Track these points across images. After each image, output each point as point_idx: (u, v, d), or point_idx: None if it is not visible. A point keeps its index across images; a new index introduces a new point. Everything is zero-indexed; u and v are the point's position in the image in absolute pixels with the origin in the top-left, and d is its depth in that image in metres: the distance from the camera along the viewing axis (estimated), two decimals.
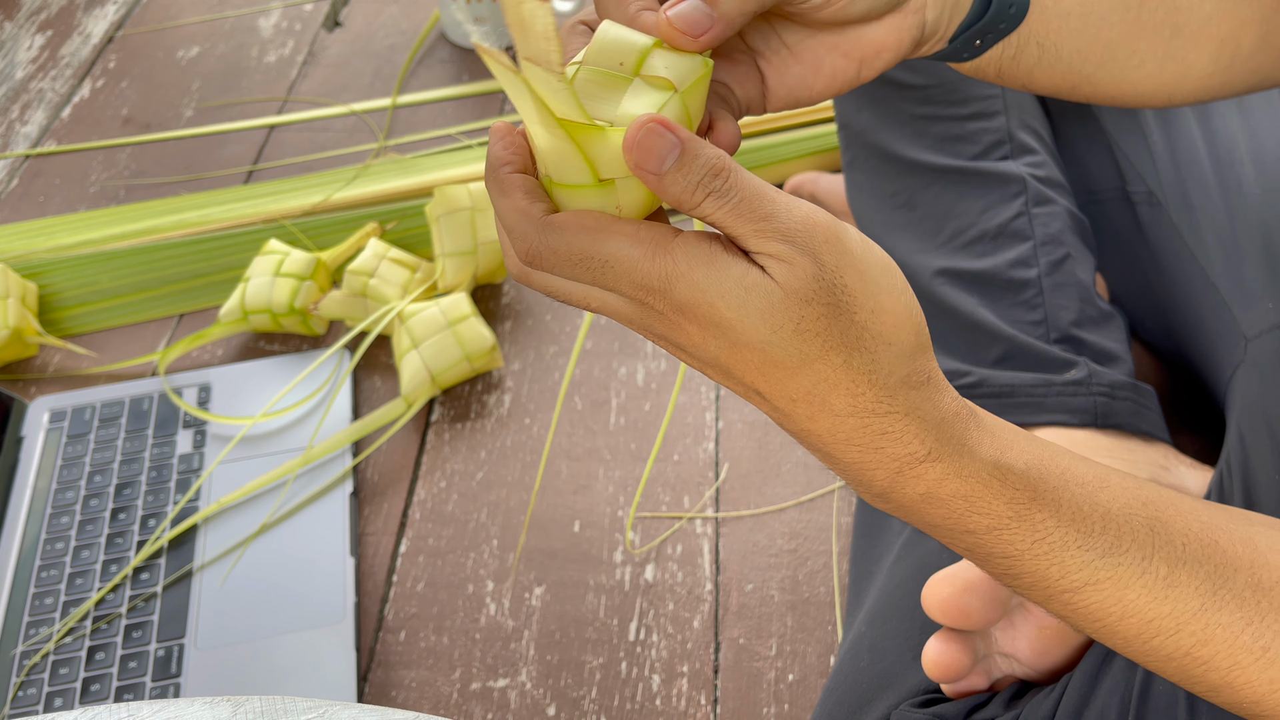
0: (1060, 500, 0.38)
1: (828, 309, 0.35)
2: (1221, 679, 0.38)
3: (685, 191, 0.35)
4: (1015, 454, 0.38)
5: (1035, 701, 0.53)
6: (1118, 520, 0.38)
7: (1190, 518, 0.39)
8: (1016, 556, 0.38)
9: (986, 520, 0.38)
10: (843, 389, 0.36)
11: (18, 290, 0.97)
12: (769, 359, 0.35)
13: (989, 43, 0.48)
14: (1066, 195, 0.77)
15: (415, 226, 1.05)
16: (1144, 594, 0.38)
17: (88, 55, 1.36)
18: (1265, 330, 0.64)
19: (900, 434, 0.36)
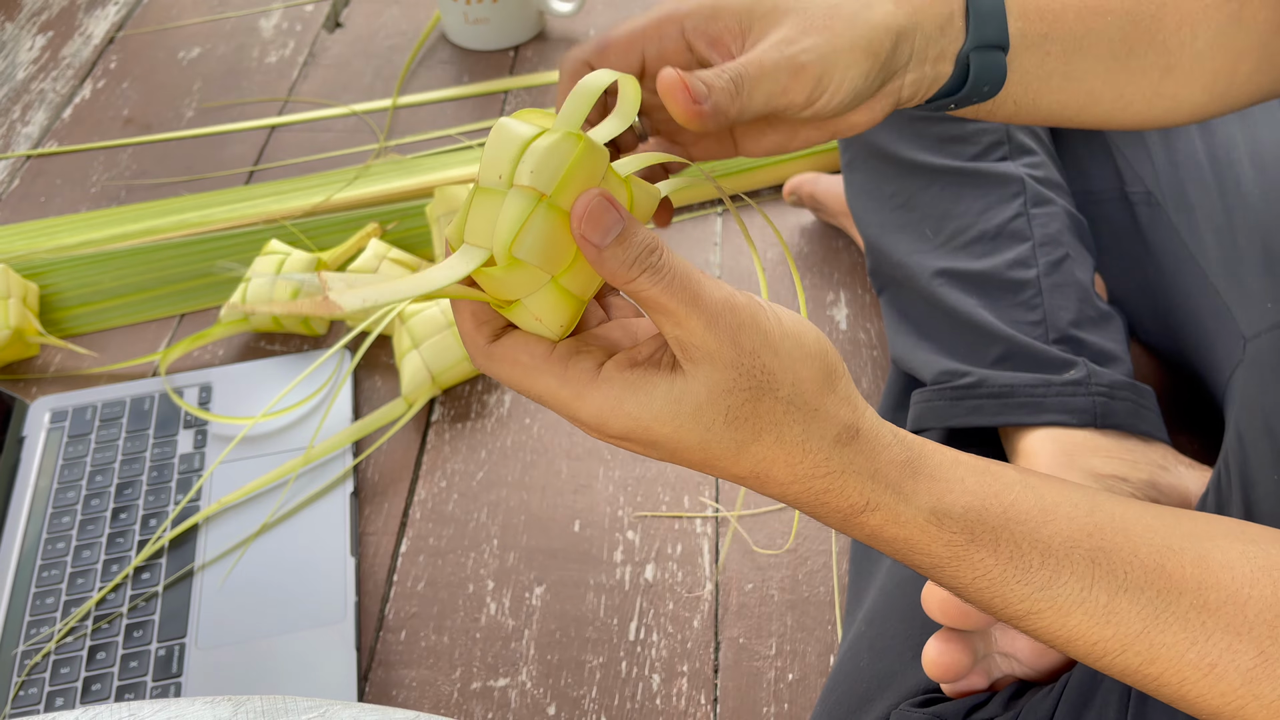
0: (999, 540, 0.40)
1: (751, 393, 0.37)
2: (1174, 693, 0.39)
3: (623, 266, 0.36)
4: (955, 497, 0.40)
5: (1035, 701, 0.53)
6: (1057, 554, 0.40)
7: (1139, 542, 0.40)
8: (960, 589, 0.41)
9: (927, 560, 0.40)
10: (780, 463, 0.38)
11: (19, 290, 0.97)
12: (709, 454, 0.38)
13: (962, 106, 0.50)
14: (1065, 196, 0.78)
15: (416, 227, 1.05)
16: (1085, 620, 0.39)
17: (89, 56, 1.36)
18: (1264, 330, 0.65)
19: (840, 490, 0.39)
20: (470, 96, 1.24)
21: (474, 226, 0.37)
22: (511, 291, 0.38)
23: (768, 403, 0.37)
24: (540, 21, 1.32)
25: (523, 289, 0.37)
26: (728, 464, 0.38)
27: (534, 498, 0.86)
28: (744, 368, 0.37)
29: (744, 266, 1.03)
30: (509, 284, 0.37)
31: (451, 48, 1.32)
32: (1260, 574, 0.39)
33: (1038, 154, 0.78)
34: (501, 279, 0.37)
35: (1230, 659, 0.38)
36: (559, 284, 0.38)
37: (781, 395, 0.37)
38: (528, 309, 0.38)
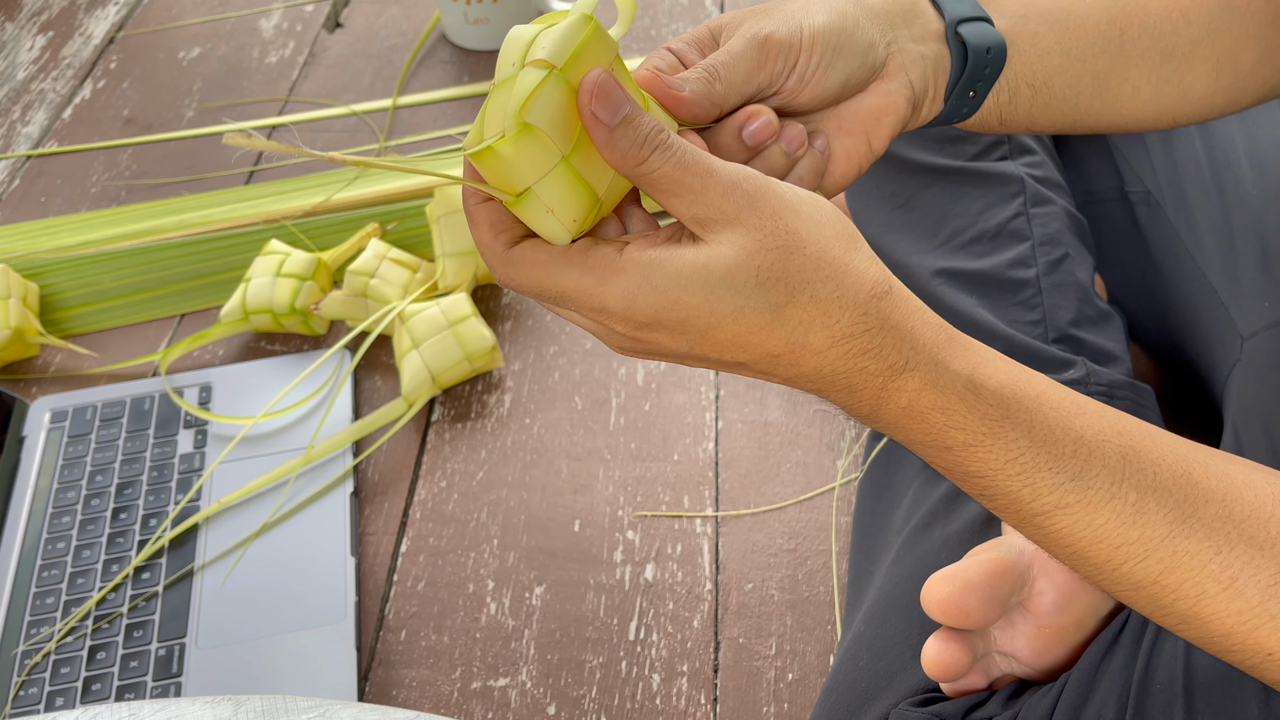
0: (1033, 421, 0.39)
1: (779, 252, 0.37)
2: (1190, 609, 0.39)
3: (634, 145, 0.37)
4: (989, 372, 0.39)
5: (1034, 700, 0.53)
6: (1089, 446, 0.39)
7: (1166, 449, 0.40)
8: (991, 476, 0.40)
9: (962, 436, 0.39)
10: (818, 324, 0.37)
11: (19, 290, 0.97)
12: (744, 326, 0.37)
13: (981, 92, 0.50)
14: (1065, 195, 0.78)
15: (416, 227, 1.05)
16: (1112, 519, 0.39)
17: (89, 56, 1.36)
18: (1261, 329, 0.65)
19: (879, 348, 0.38)
20: (470, 96, 1.24)
21: (489, 121, 0.38)
22: (523, 174, 0.37)
23: (797, 260, 0.37)
24: None
25: (534, 168, 0.37)
26: (761, 338, 0.37)
27: (534, 498, 0.86)
28: (767, 229, 0.37)
29: None
30: (520, 164, 0.37)
31: (451, 48, 1.32)
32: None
33: (1037, 154, 0.78)
34: (513, 159, 0.37)
35: (1251, 574, 0.38)
36: (570, 167, 0.37)
37: (810, 252, 0.37)
38: (539, 199, 0.37)
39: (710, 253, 0.36)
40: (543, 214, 0.38)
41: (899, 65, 0.47)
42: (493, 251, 0.39)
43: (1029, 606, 0.55)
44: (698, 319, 0.37)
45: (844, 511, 0.83)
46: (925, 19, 0.48)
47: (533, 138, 0.36)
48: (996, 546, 0.55)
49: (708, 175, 0.37)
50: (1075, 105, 0.53)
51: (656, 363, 0.95)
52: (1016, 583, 0.53)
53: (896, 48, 0.47)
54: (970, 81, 0.49)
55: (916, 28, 0.48)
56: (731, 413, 0.90)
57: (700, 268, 0.36)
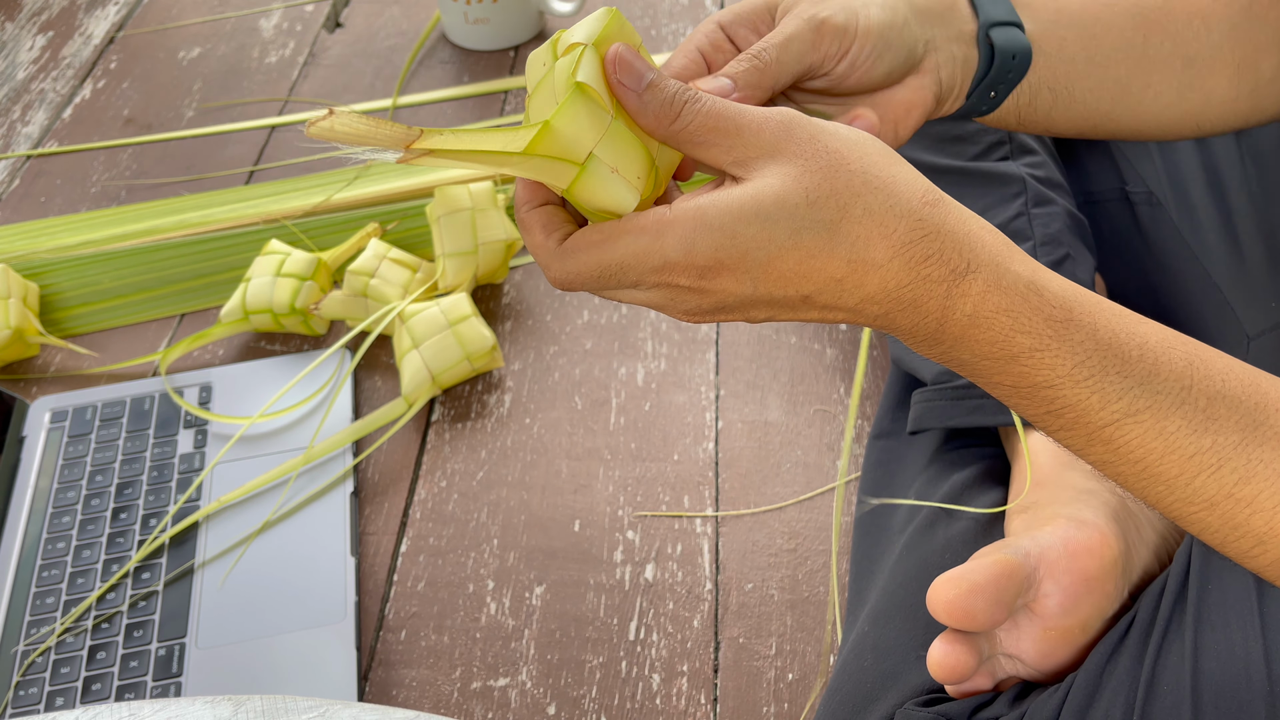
0: (1097, 324, 0.39)
1: (824, 172, 0.37)
2: (1265, 524, 0.38)
3: (664, 105, 0.38)
4: (1049, 277, 0.39)
5: (1040, 700, 0.53)
6: (1155, 351, 0.39)
7: (1230, 360, 0.40)
8: (1058, 384, 0.39)
9: (1029, 340, 0.38)
10: (876, 236, 0.38)
11: (19, 290, 0.97)
12: (804, 250, 0.37)
13: (1002, 93, 0.51)
14: (1066, 196, 0.78)
15: (416, 227, 1.05)
16: (1184, 425, 0.38)
17: (89, 56, 1.36)
18: (1268, 329, 0.65)
19: (940, 252, 0.38)
20: (470, 96, 1.24)
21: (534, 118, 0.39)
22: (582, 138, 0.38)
23: (844, 176, 0.37)
24: (540, 21, 1.32)
25: (591, 129, 0.38)
26: (824, 258, 0.38)
27: (534, 498, 0.86)
28: (807, 153, 0.37)
29: None
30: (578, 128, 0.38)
31: (451, 48, 1.32)
32: None
33: (1039, 154, 0.78)
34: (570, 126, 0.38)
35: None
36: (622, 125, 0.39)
37: (854, 168, 0.38)
38: (602, 161, 0.38)
39: (758, 185, 0.37)
40: (608, 176, 0.39)
41: (933, 63, 0.48)
42: (547, 250, 0.40)
43: (1035, 608, 0.55)
44: (758, 250, 0.37)
45: (845, 511, 0.83)
46: (961, 19, 0.49)
47: (585, 98, 0.38)
48: (1002, 548, 0.55)
49: (740, 117, 0.38)
50: (1096, 109, 0.54)
51: (656, 363, 0.95)
52: (1023, 585, 0.53)
53: (933, 46, 0.48)
54: (993, 83, 0.50)
55: (952, 27, 0.49)
56: (731, 413, 0.90)
57: (751, 199, 0.37)
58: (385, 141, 0.36)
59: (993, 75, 0.50)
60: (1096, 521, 0.56)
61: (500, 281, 1.02)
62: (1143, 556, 0.58)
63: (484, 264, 0.97)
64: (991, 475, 0.71)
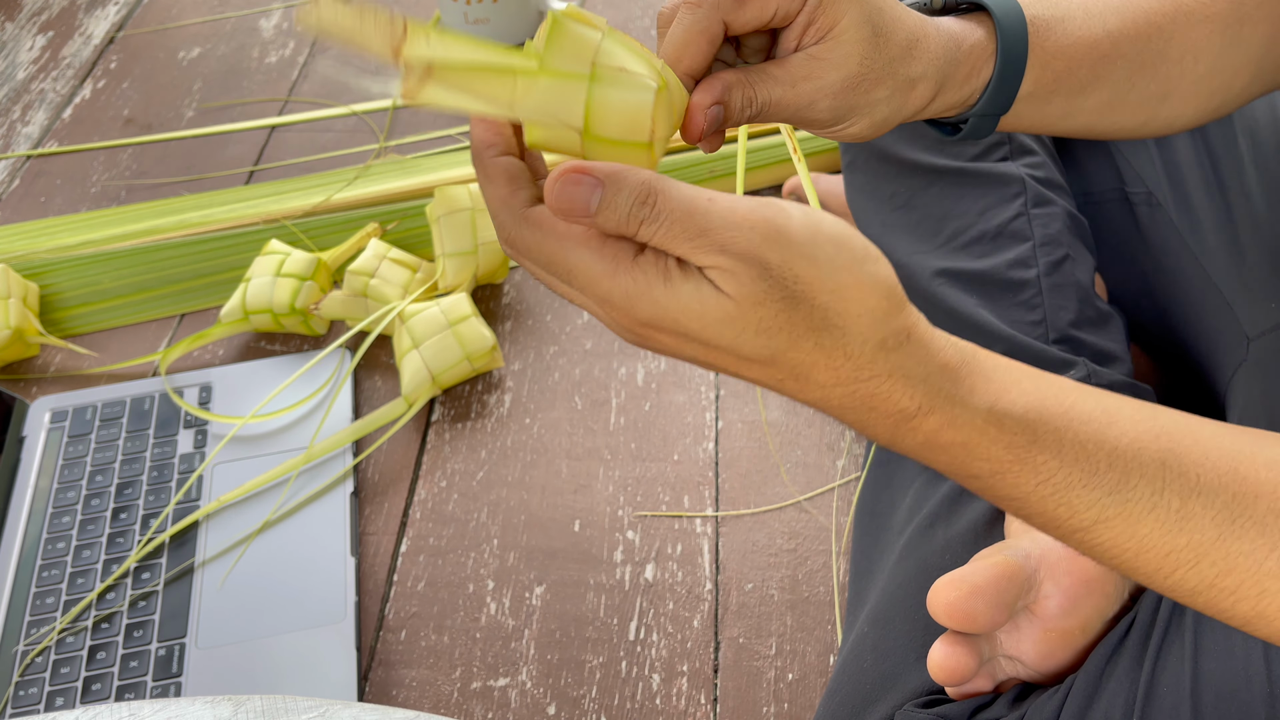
0: (1063, 441, 0.38)
1: (784, 304, 0.35)
2: (1252, 609, 0.37)
3: (621, 223, 0.36)
4: (1014, 397, 0.38)
5: (1040, 702, 0.53)
6: (1125, 456, 0.38)
7: (1210, 445, 0.38)
8: (1023, 499, 0.38)
9: (987, 465, 0.38)
10: (821, 366, 0.37)
11: (19, 290, 0.97)
12: (742, 357, 0.36)
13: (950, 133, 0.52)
14: (1066, 196, 0.78)
15: (416, 227, 1.05)
16: (1157, 528, 0.37)
17: (89, 56, 1.36)
18: (1268, 330, 0.65)
19: (888, 394, 0.37)
20: None
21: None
22: (581, 53, 0.37)
23: (804, 310, 0.36)
24: (540, 21, 1.32)
25: (586, 44, 0.37)
26: (761, 369, 0.37)
27: (534, 498, 0.86)
28: (773, 280, 0.35)
29: None
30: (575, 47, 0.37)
31: None
32: None
33: (1038, 154, 0.78)
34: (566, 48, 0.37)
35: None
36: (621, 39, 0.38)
37: (819, 302, 0.36)
38: (612, 55, 0.37)
39: (711, 296, 0.35)
40: (619, 75, 0.37)
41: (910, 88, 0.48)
42: (508, 208, 0.38)
43: (1035, 610, 0.55)
44: (697, 335, 0.36)
45: (844, 512, 0.83)
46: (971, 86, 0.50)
47: (568, 22, 0.37)
48: (1002, 550, 0.55)
49: (702, 236, 0.35)
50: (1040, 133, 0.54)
51: (656, 363, 0.95)
52: (1023, 587, 0.53)
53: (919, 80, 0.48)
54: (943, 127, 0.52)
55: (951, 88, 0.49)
56: (731, 413, 0.90)
57: (698, 302, 0.36)
58: (373, 37, 0.34)
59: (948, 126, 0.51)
60: None
61: (500, 281, 1.02)
62: None
63: (484, 264, 0.97)
64: None
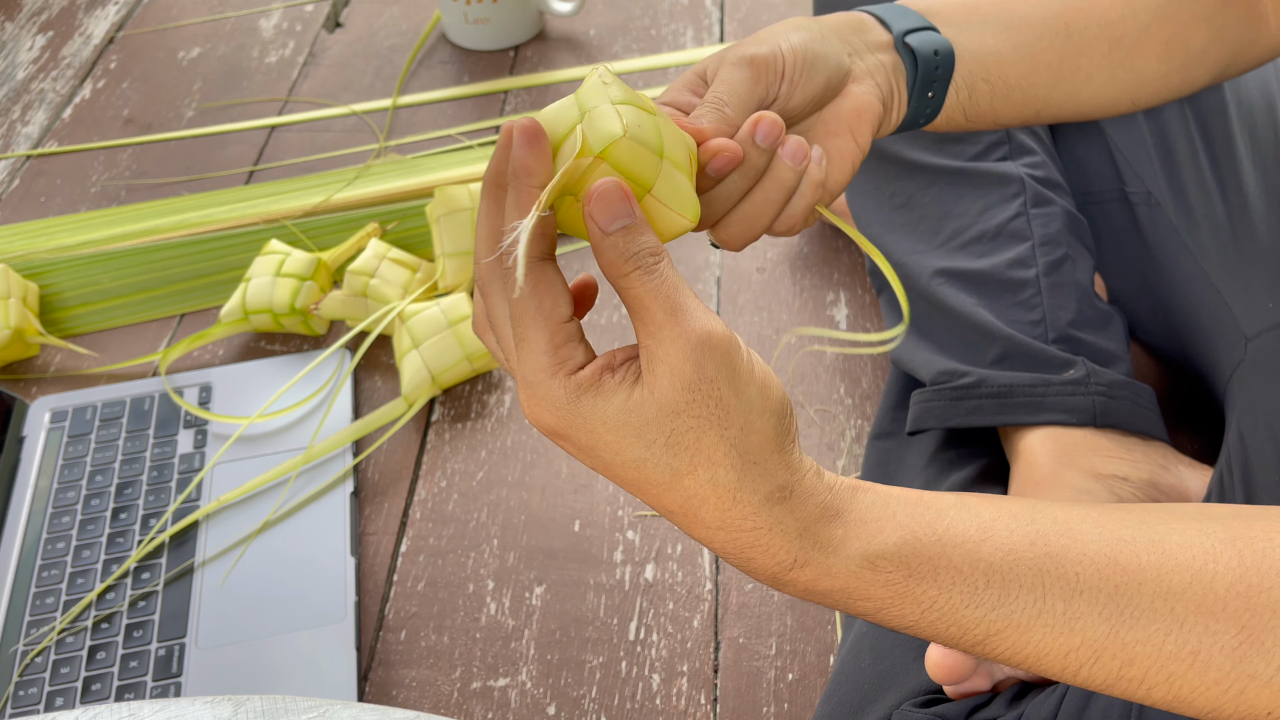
0: (938, 569, 0.39)
1: (698, 422, 0.37)
2: (1167, 694, 0.38)
3: (620, 258, 0.37)
4: (886, 536, 0.39)
5: (1037, 701, 0.53)
6: (1002, 571, 0.38)
7: (1087, 540, 0.39)
8: (913, 626, 0.39)
9: (870, 604, 0.39)
10: (710, 504, 0.38)
11: (19, 290, 0.97)
12: (643, 474, 0.38)
13: (939, 92, 0.53)
14: (1065, 196, 0.78)
15: (416, 227, 1.05)
16: (1047, 632, 0.38)
17: (89, 56, 1.36)
18: (1266, 329, 0.65)
19: (766, 547, 0.38)
20: (470, 96, 1.24)
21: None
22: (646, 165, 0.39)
23: (712, 438, 0.37)
24: (540, 21, 1.32)
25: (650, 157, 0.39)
26: (659, 491, 0.38)
27: (534, 498, 0.86)
28: (700, 394, 0.37)
29: (743, 267, 1.03)
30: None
31: (451, 48, 1.32)
32: (1223, 546, 0.38)
33: (1038, 154, 0.78)
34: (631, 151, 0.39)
35: (1212, 640, 0.36)
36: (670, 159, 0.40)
37: (728, 435, 0.37)
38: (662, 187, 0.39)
39: (638, 399, 0.37)
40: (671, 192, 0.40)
41: (864, 70, 0.51)
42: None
43: None
44: (604, 452, 0.38)
45: None
46: (875, 33, 0.52)
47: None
48: None
49: (672, 315, 0.37)
50: (1034, 95, 0.56)
51: None
52: None
53: (857, 56, 0.51)
54: (926, 82, 0.52)
55: (869, 39, 0.52)
56: None
57: (624, 412, 0.37)
58: None
59: (922, 75, 0.52)
60: None
61: None
62: None
63: None
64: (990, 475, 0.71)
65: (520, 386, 0.40)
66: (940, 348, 0.74)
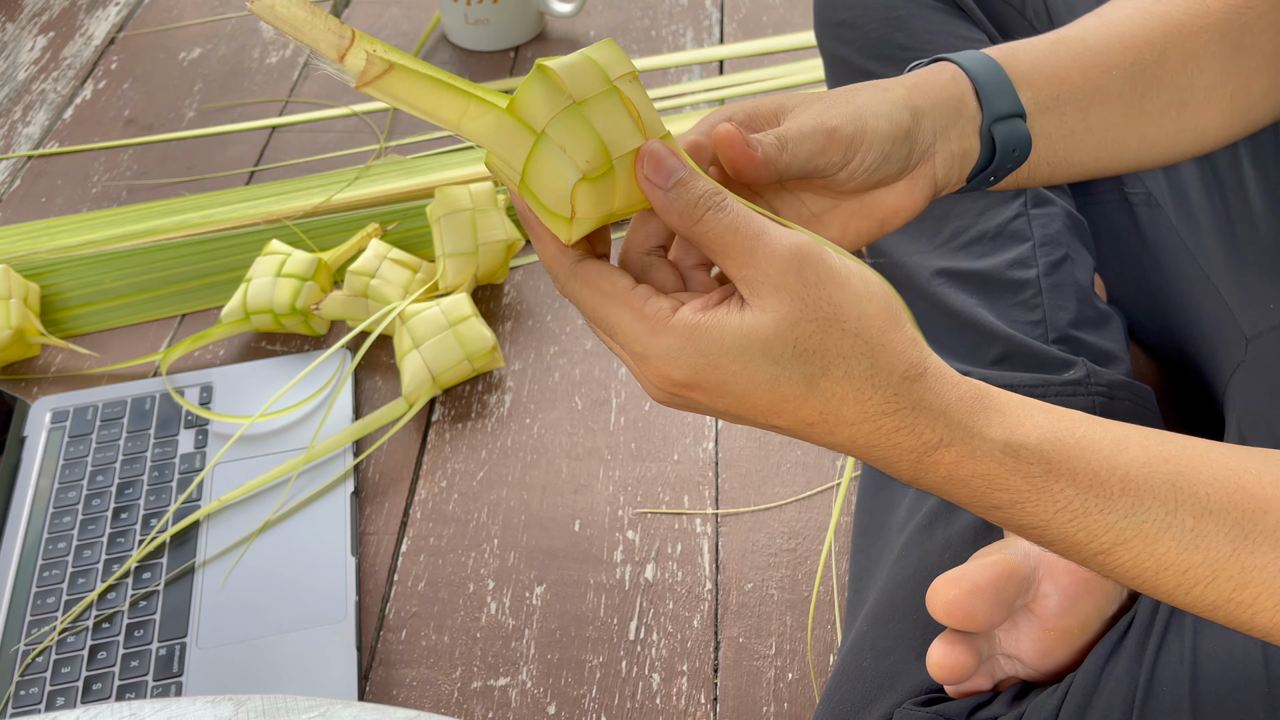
0: (1076, 470, 0.39)
1: (818, 325, 0.38)
2: (1270, 620, 0.39)
3: (688, 206, 0.38)
4: (1028, 430, 0.40)
5: (1039, 700, 0.53)
6: (1137, 480, 0.39)
7: (1216, 465, 0.40)
8: (1043, 526, 0.40)
9: (1007, 495, 0.40)
10: (850, 400, 0.39)
11: (20, 291, 0.97)
12: (778, 395, 0.39)
13: (1001, 177, 0.52)
14: (1065, 196, 0.78)
15: (416, 227, 1.06)
16: (1173, 546, 0.39)
17: (90, 56, 1.36)
18: (1266, 330, 0.65)
19: (911, 427, 0.39)
20: None
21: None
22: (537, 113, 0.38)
23: (835, 335, 0.38)
24: (540, 22, 1.33)
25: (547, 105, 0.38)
26: (797, 405, 0.39)
27: (534, 497, 0.86)
28: (810, 300, 0.38)
29: None
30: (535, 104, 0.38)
31: (452, 48, 1.32)
32: None
33: None
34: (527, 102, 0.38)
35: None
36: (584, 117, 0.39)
37: (849, 328, 0.38)
38: (551, 139, 0.38)
39: (753, 320, 0.38)
40: (556, 153, 0.38)
41: (930, 167, 0.49)
42: (559, 264, 0.41)
43: (1034, 609, 0.55)
44: (735, 384, 0.38)
45: (844, 511, 0.83)
46: (967, 114, 0.49)
47: (544, 78, 0.38)
48: (1002, 549, 0.55)
49: (758, 239, 0.38)
50: (1093, 169, 0.55)
51: None
52: (1022, 585, 0.53)
53: (934, 150, 0.49)
54: (994, 172, 0.51)
55: (958, 128, 0.49)
56: None
57: (742, 337, 0.38)
58: (321, 37, 0.35)
59: (994, 167, 0.51)
60: None
61: (500, 282, 1.02)
62: None
63: (484, 264, 0.97)
64: None
65: (636, 366, 0.40)
66: (940, 347, 0.74)
